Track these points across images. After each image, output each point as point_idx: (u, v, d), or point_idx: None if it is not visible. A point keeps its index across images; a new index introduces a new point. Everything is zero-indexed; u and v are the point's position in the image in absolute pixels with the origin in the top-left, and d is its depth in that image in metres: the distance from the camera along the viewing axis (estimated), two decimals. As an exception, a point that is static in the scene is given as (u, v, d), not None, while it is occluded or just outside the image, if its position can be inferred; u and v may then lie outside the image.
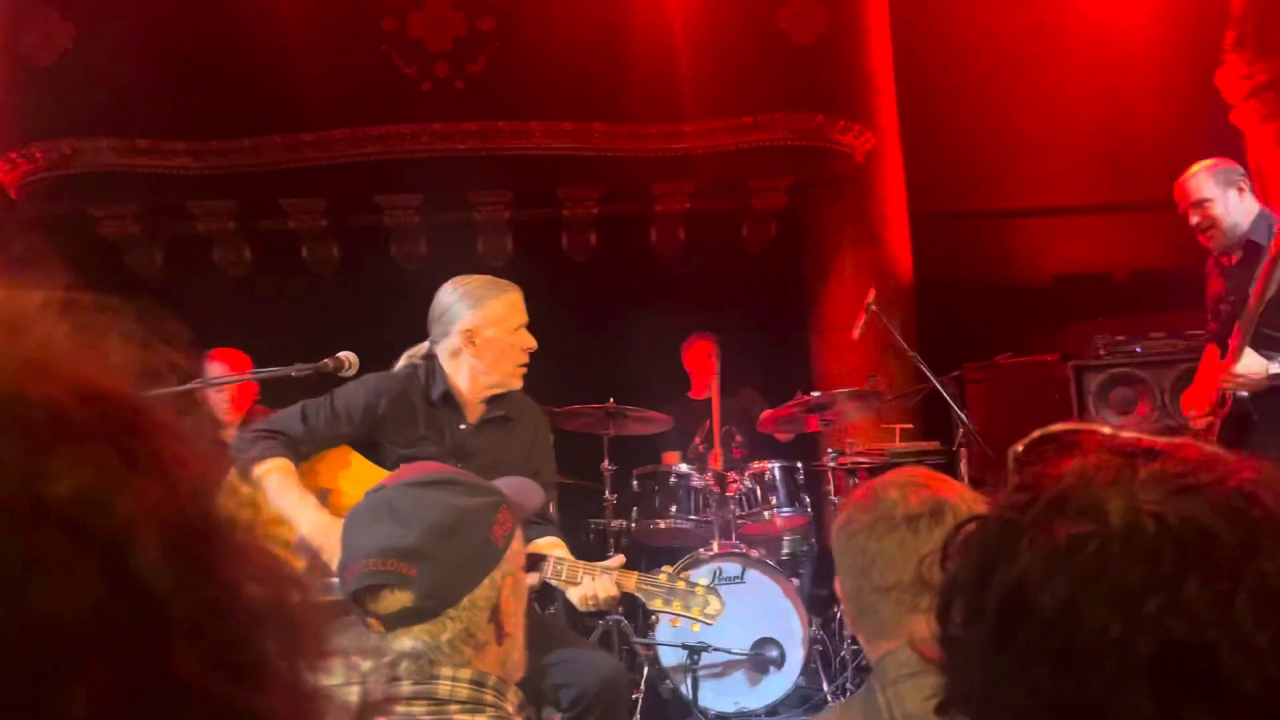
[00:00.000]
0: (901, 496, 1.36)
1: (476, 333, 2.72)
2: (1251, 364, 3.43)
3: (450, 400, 2.74)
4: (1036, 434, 0.70)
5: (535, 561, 2.47)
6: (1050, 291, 6.48)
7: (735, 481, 4.58)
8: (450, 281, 2.82)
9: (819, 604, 4.68)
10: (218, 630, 0.37)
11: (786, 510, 4.59)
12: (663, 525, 4.60)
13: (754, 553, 4.32)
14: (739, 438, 4.76)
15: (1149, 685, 0.57)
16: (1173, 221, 6.42)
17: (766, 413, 4.90)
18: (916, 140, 6.09)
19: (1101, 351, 4.76)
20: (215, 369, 4.22)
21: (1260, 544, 0.58)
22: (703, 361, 5.42)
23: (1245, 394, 3.46)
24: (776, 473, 4.60)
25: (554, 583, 2.51)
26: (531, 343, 2.79)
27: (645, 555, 4.88)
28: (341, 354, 2.69)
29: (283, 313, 5.58)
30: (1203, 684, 0.56)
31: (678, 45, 5.48)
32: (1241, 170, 3.73)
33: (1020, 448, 0.70)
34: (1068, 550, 0.60)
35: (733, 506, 4.52)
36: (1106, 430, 0.68)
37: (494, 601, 1.35)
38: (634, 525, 4.59)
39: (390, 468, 2.58)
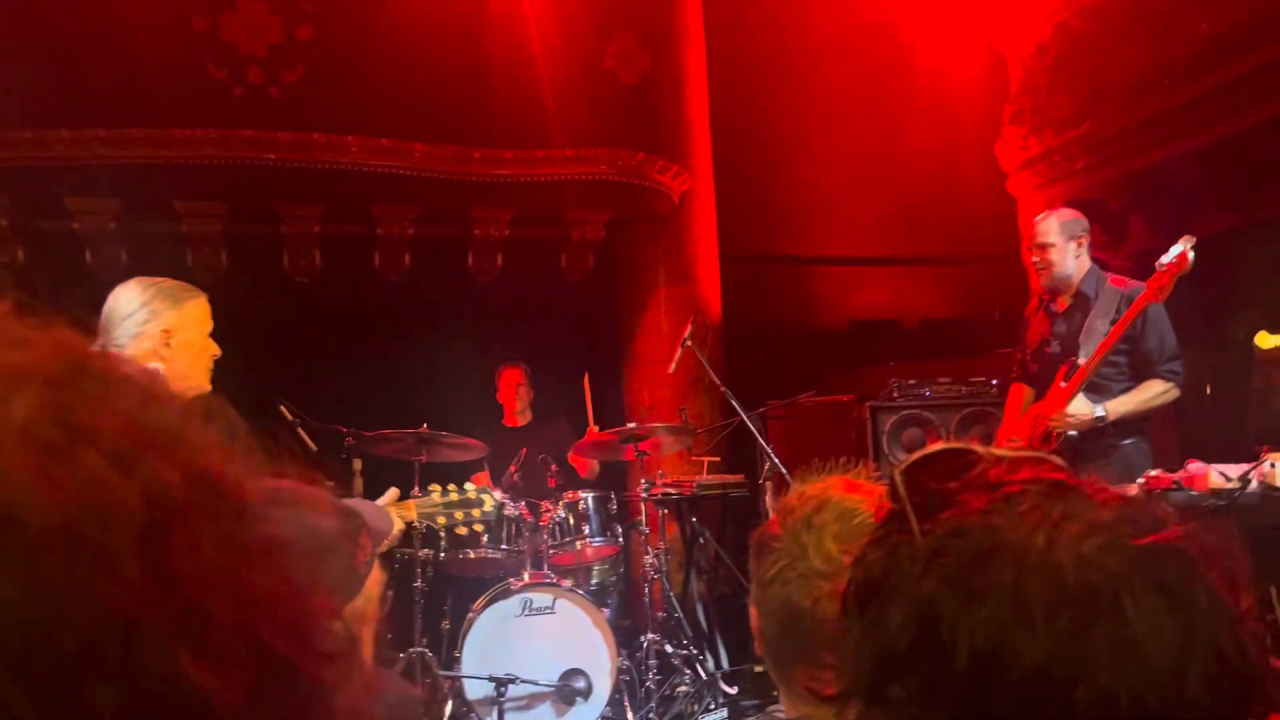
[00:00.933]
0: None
1: (174, 334, 2.59)
2: (1081, 406, 3.72)
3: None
4: (918, 455, 0.72)
5: None
6: (848, 335, 6.86)
7: (549, 510, 4.57)
8: (133, 281, 2.65)
9: (625, 634, 4.70)
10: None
11: (598, 540, 4.61)
12: (473, 555, 4.51)
13: (564, 583, 4.31)
14: (554, 467, 4.74)
15: None
16: (956, 275, 6.98)
17: (586, 438, 4.92)
18: (729, 185, 6.33)
19: (895, 394, 5.08)
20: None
21: (1195, 589, 0.62)
22: (511, 389, 5.42)
23: (1073, 433, 3.74)
24: (589, 502, 4.62)
25: None
26: (217, 350, 2.67)
27: (453, 585, 4.77)
28: (188, 341, 2.57)
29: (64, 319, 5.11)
30: None
31: (505, 73, 5.47)
32: (1086, 225, 4.02)
33: (905, 469, 0.71)
34: (1045, 621, 0.60)
35: (545, 536, 4.49)
36: (983, 451, 0.70)
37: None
38: (443, 555, 4.47)
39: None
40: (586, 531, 4.58)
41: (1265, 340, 5.25)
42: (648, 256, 6.15)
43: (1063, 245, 3.92)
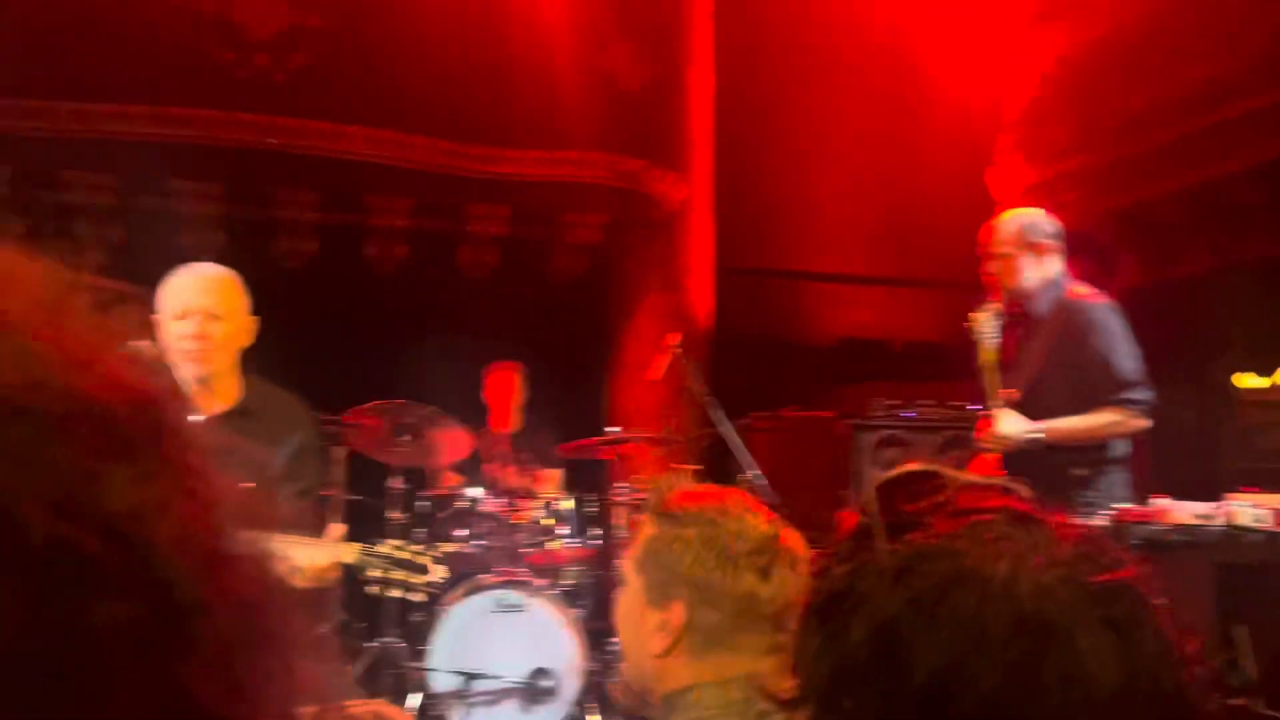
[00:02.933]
0: (740, 529, 1.43)
1: (157, 324, 2.67)
2: (1011, 425, 3.46)
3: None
4: (891, 474, 0.75)
5: None
6: (833, 352, 6.90)
7: (525, 510, 4.59)
8: None
9: (597, 636, 4.73)
10: (235, 656, 0.37)
11: (573, 541, 4.63)
12: (448, 549, 4.53)
13: (537, 582, 4.33)
14: (532, 467, 4.77)
15: None
16: (943, 299, 7.02)
17: (567, 445, 4.95)
18: (729, 195, 6.38)
19: (877, 413, 5.12)
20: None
21: (1140, 622, 0.65)
22: (504, 390, 5.40)
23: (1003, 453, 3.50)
24: (567, 504, 4.64)
25: None
26: (186, 329, 2.67)
27: (426, 578, 4.79)
28: (163, 330, 2.61)
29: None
30: None
31: (507, 73, 5.51)
32: (1051, 231, 3.62)
33: (879, 485, 0.74)
34: (1001, 646, 0.63)
35: (520, 534, 4.52)
36: (951, 474, 0.73)
37: None
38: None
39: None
40: (562, 532, 4.60)
41: (1244, 381, 5.32)
42: (641, 262, 6.19)
43: (1017, 256, 3.56)
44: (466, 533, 4.51)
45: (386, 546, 2.52)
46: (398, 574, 2.47)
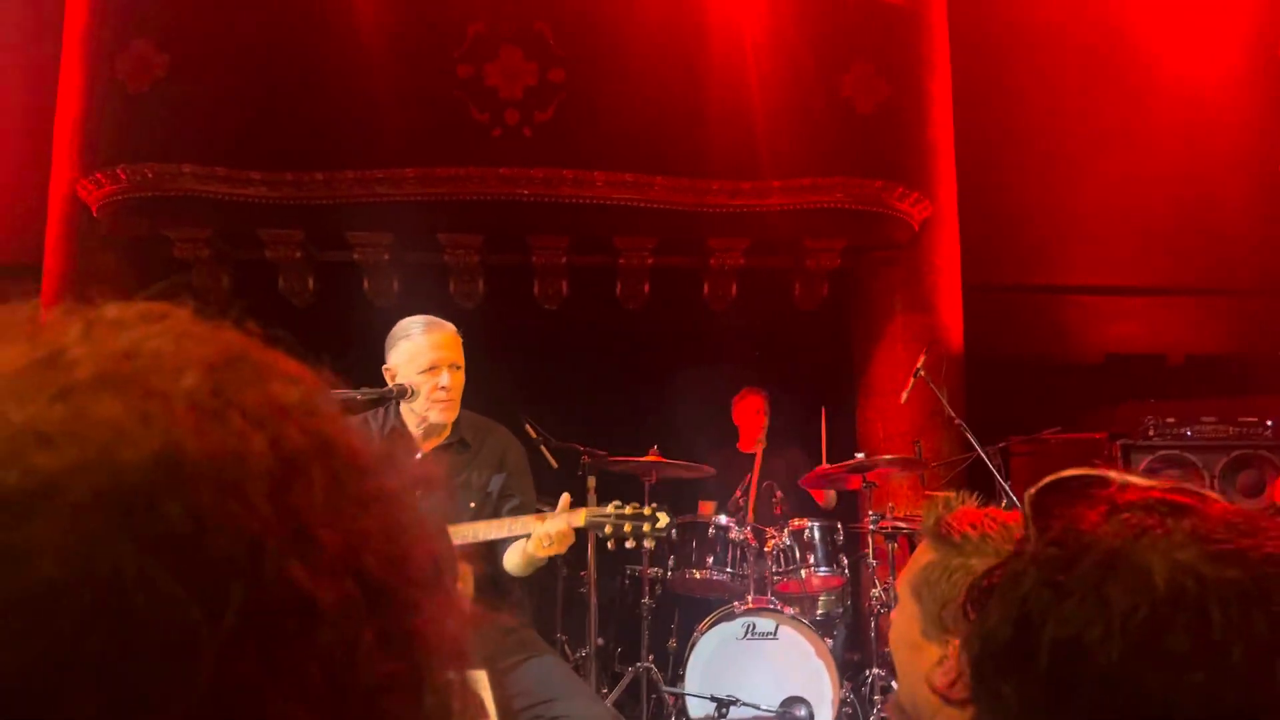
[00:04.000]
0: None
1: (392, 374, 2.86)
2: None
3: (396, 433, 2.86)
4: (1050, 478, 0.74)
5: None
6: (1102, 369, 6.44)
7: (774, 537, 4.59)
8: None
9: (851, 667, 4.64)
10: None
11: (823, 570, 4.58)
12: (698, 575, 4.61)
13: (788, 610, 4.31)
14: (779, 494, 4.76)
15: None
16: (1230, 306, 6.39)
17: (814, 471, 4.92)
18: (974, 211, 6.14)
19: (1151, 432, 4.73)
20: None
21: None
22: (752, 415, 5.46)
23: None
24: (815, 531, 4.61)
25: (507, 535, 2.68)
26: (443, 382, 2.85)
27: (679, 604, 4.89)
28: (406, 381, 2.79)
29: (340, 342, 5.70)
30: None
31: (742, 106, 5.59)
32: None
33: (1034, 492, 0.74)
34: (1123, 616, 0.63)
35: (769, 562, 4.52)
36: (1117, 476, 0.71)
37: None
38: (670, 573, 4.60)
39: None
40: (811, 560, 4.57)
41: None
42: (885, 285, 6.06)
43: None
44: (715, 559, 4.57)
45: (610, 507, 2.71)
46: (627, 526, 2.66)
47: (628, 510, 2.69)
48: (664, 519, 2.69)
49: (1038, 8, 6.57)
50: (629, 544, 2.71)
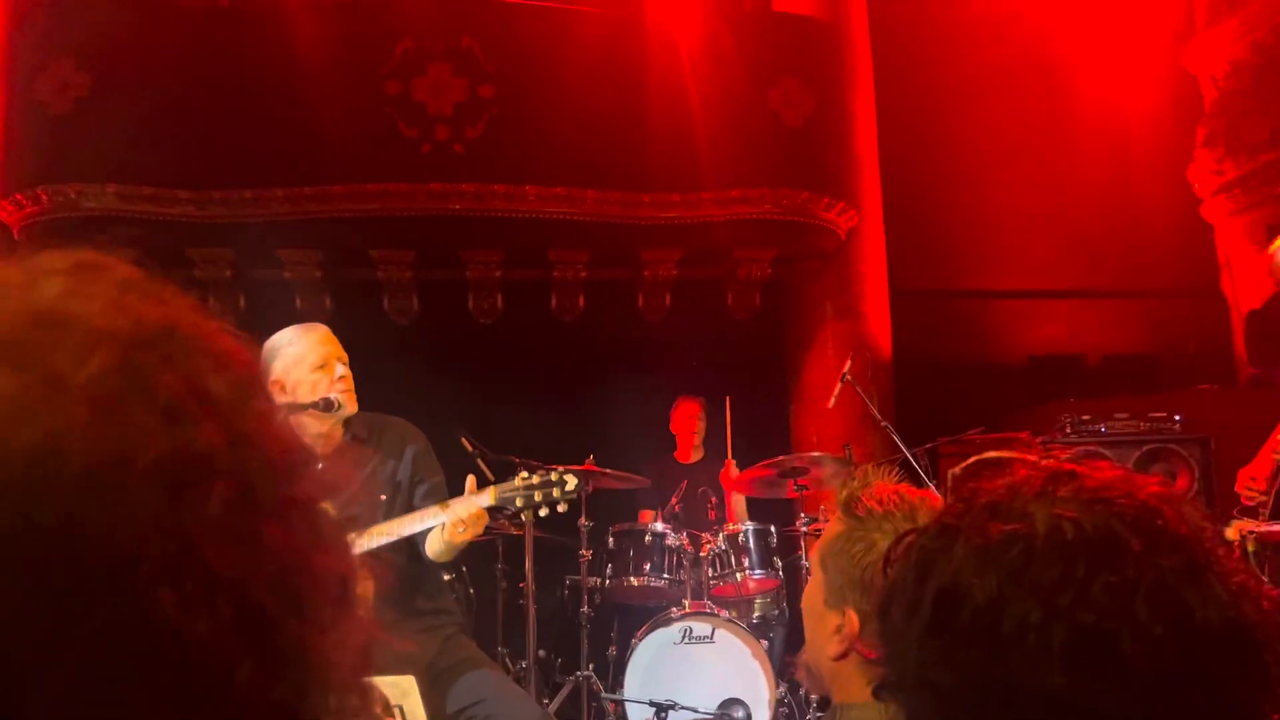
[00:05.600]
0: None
1: (282, 384, 2.82)
2: None
3: None
4: (973, 459, 0.83)
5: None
6: (1025, 370, 6.64)
7: (709, 542, 4.66)
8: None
9: (787, 668, 4.71)
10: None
11: (758, 573, 4.66)
12: (636, 583, 4.66)
13: (724, 613, 4.38)
14: (714, 500, 4.84)
15: (1062, 666, 0.66)
16: (1142, 309, 6.64)
17: (745, 472, 4.99)
18: (900, 220, 6.30)
19: (1068, 429, 4.90)
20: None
21: (1159, 549, 0.68)
22: (687, 422, 5.53)
23: None
24: (750, 535, 4.68)
25: (423, 528, 2.67)
26: (340, 372, 2.85)
27: (619, 612, 4.93)
28: (332, 395, 2.79)
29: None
30: (1107, 667, 0.66)
31: (673, 120, 5.68)
32: None
33: (959, 470, 0.83)
34: (998, 548, 0.70)
35: (705, 567, 4.59)
36: (1033, 458, 0.79)
37: None
38: (608, 582, 4.64)
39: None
40: (746, 564, 4.64)
41: None
42: (814, 293, 6.19)
43: None
44: (652, 566, 4.62)
45: (518, 480, 2.73)
46: (538, 494, 2.68)
47: (535, 479, 2.71)
48: (572, 481, 2.71)
49: (960, 23, 6.78)
50: (543, 512, 2.72)
